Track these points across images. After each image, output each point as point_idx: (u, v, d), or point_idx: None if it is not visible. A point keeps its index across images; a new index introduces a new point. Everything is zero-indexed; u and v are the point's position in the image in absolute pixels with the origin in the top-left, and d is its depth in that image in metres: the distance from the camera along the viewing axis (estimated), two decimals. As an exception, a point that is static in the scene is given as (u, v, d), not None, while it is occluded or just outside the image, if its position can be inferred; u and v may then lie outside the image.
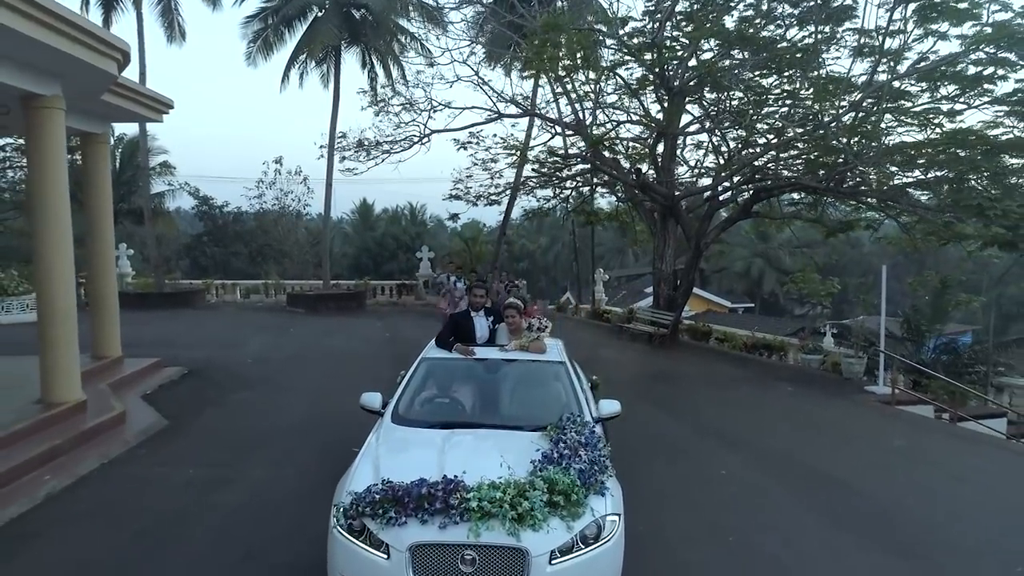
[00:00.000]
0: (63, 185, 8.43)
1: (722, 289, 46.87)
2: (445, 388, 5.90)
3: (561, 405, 5.47)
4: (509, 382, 5.97)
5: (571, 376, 5.87)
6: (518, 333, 6.35)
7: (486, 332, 6.68)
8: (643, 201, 18.30)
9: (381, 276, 38.40)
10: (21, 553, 5.32)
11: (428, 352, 6.29)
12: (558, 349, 6.49)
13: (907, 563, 5.53)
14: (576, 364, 6.84)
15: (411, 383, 5.81)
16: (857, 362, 13.93)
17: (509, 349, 6.20)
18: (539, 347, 6.22)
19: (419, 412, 5.55)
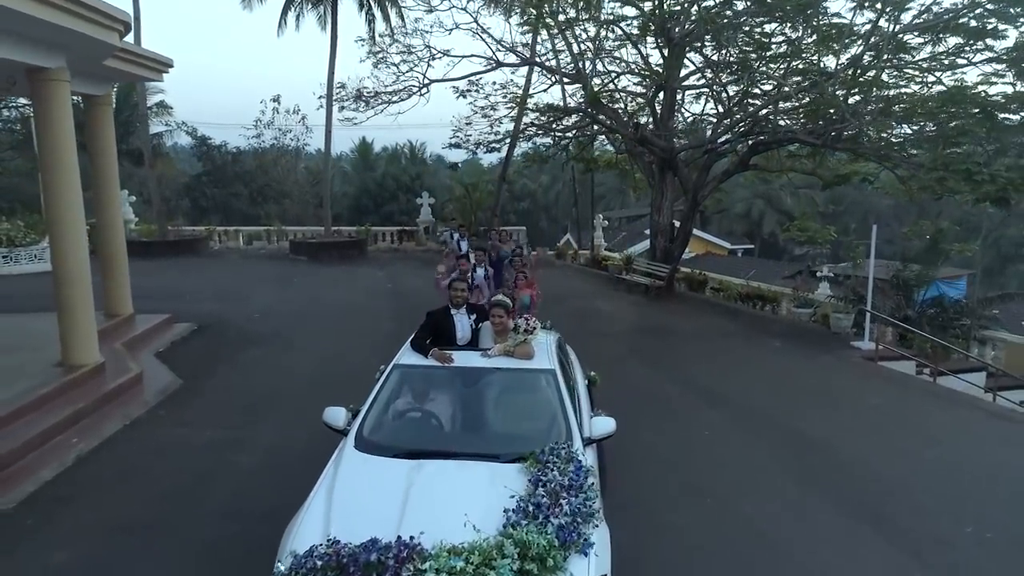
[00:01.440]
0: (72, 155, 8.63)
1: (722, 230, 46.99)
2: (419, 402, 5.38)
3: (548, 424, 4.93)
4: (490, 396, 5.33)
5: (560, 387, 5.18)
6: (504, 335, 5.61)
7: (468, 332, 6.03)
8: (642, 153, 18.36)
9: (382, 217, 38.60)
10: (61, 516, 5.85)
11: (401, 357, 5.61)
12: (548, 353, 5.72)
13: (868, 524, 6.05)
14: (572, 357, 6.65)
15: (380, 396, 5.21)
16: (845, 317, 14.37)
17: (492, 354, 5.48)
18: (526, 352, 5.48)
19: (387, 434, 4.96)
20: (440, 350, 5.50)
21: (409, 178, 42.49)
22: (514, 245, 13.50)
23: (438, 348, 5.55)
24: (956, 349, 13.37)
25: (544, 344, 5.88)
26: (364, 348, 11.00)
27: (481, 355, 5.54)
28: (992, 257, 46.25)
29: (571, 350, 7.04)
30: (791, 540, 5.73)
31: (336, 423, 5.03)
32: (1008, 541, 5.75)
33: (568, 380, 5.61)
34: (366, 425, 4.95)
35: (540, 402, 5.20)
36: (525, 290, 9.34)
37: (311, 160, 48.25)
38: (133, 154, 31.51)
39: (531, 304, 9.24)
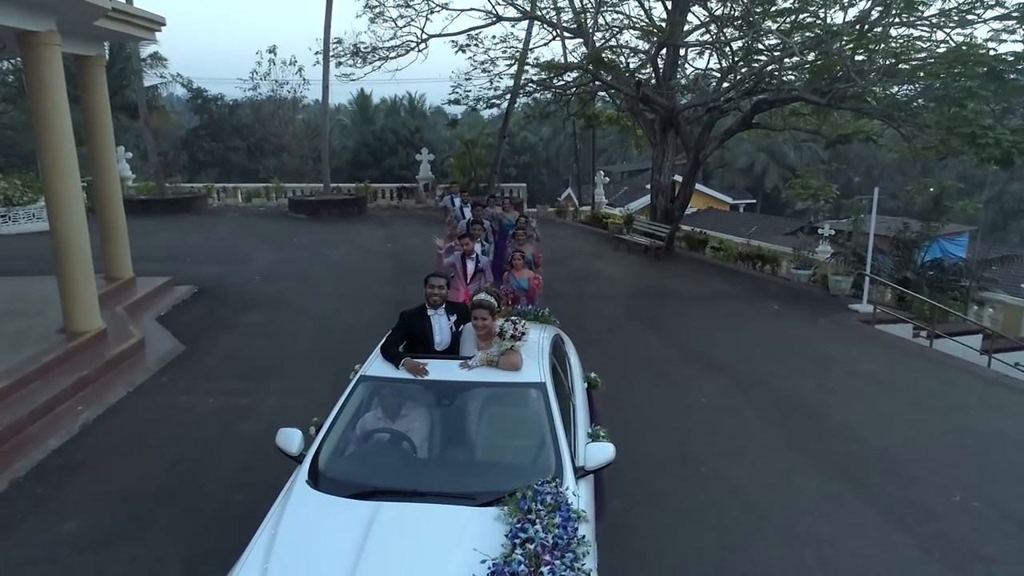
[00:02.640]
0: (65, 119, 8.55)
1: (724, 185, 46.61)
2: (386, 421, 4.56)
3: (534, 451, 4.27)
4: (469, 416, 4.61)
5: (551, 405, 4.39)
6: (488, 339, 4.84)
7: (447, 336, 5.23)
8: (643, 111, 18.11)
9: (381, 172, 38.28)
10: (70, 485, 6.00)
11: (369, 368, 4.83)
12: (539, 360, 4.86)
13: (854, 491, 6.20)
14: (572, 355, 6.07)
15: (341, 415, 4.52)
16: (844, 280, 14.41)
17: (473, 365, 4.65)
18: (512, 362, 4.62)
19: (345, 466, 4.27)
20: (412, 359, 4.72)
21: (409, 132, 41.97)
22: (519, 215, 12.22)
23: (411, 356, 4.80)
24: (954, 312, 13.43)
25: (536, 347, 5.01)
26: (365, 312, 11.09)
27: (460, 366, 4.69)
28: (995, 213, 46.03)
29: (571, 346, 6.39)
30: (778, 506, 5.89)
31: (289, 448, 4.35)
32: (994, 511, 5.90)
33: (562, 393, 4.86)
34: (322, 454, 4.25)
35: (527, 424, 4.47)
36: (522, 272, 8.51)
37: (309, 112, 47.67)
38: (128, 108, 31.06)
39: (530, 291, 8.47)
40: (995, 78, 11.50)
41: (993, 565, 5.14)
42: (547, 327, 5.97)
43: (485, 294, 5.06)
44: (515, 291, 8.34)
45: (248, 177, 34.66)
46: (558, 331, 6.19)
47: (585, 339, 10.32)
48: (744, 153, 45.75)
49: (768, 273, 16.44)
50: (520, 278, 8.40)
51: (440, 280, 5.34)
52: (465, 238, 8.80)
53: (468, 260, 8.68)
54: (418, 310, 5.27)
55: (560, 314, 8.72)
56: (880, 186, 15.58)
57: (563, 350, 5.92)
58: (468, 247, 8.68)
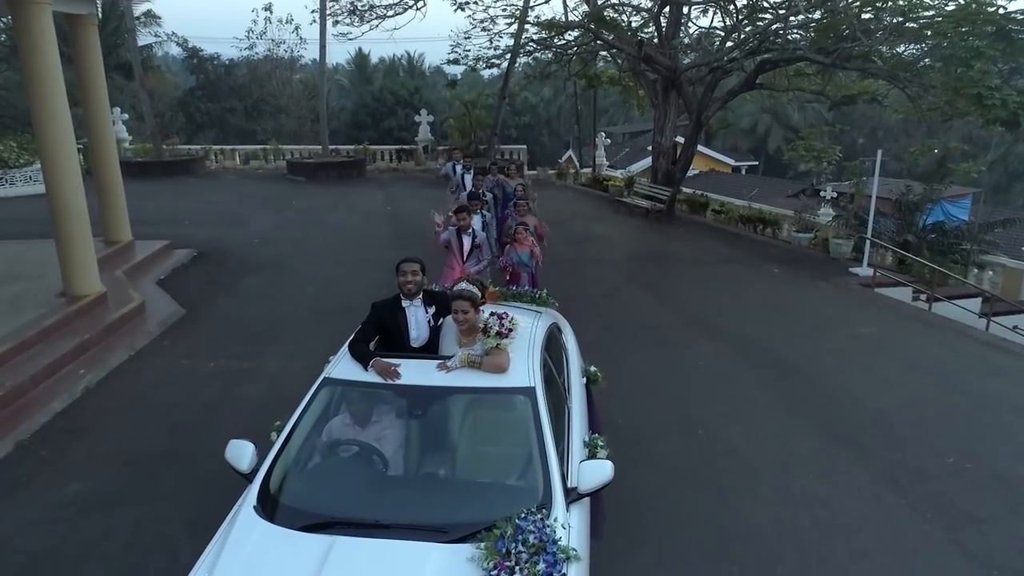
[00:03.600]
0: (58, 81, 8.40)
1: (726, 147, 46.18)
2: (354, 429, 4.01)
3: (519, 471, 3.75)
4: (445, 428, 4.05)
5: (540, 415, 3.79)
6: (471, 335, 4.23)
7: (424, 331, 4.61)
8: (645, 71, 17.84)
9: (380, 133, 37.92)
10: (73, 448, 6.08)
11: (334, 369, 4.24)
12: (530, 358, 4.19)
13: (849, 453, 6.28)
14: (571, 346, 5.58)
15: (301, 424, 3.94)
16: (845, 243, 14.37)
17: (452, 366, 4.02)
18: (498, 364, 4.00)
19: (300, 490, 3.69)
20: (382, 360, 4.08)
21: (408, 92, 41.44)
22: (520, 182, 11.39)
23: (382, 356, 4.18)
24: (953, 275, 13.42)
25: (527, 341, 4.36)
26: (364, 276, 11.09)
27: (438, 367, 4.05)
28: (999, 174, 45.66)
29: (570, 333, 5.87)
30: (773, 468, 5.97)
31: (239, 465, 3.76)
32: (987, 473, 5.98)
33: (556, 395, 4.30)
34: (275, 473, 3.69)
35: (511, 437, 3.95)
36: (524, 245, 8.17)
37: (306, 72, 46.95)
38: (123, 68, 30.63)
39: (532, 265, 8.19)
40: (1003, 38, 11.29)
41: (983, 525, 5.23)
42: (542, 313, 5.37)
43: (466, 283, 4.29)
44: (515, 265, 8.13)
45: (246, 139, 34.34)
46: (555, 318, 5.65)
47: (584, 303, 10.42)
48: (747, 114, 45.23)
49: (769, 236, 16.39)
50: (522, 252, 8.13)
51: (413, 265, 4.61)
52: (462, 212, 8.20)
53: (464, 236, 8.18)
54: (391, 301, 4.61)
55: (559, 277, 8.82)
56: (884, 148, 15.42)
57: (560, 341, 5.32)
58: (464, 222, 8.12)
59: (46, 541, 4.80)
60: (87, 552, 4.69)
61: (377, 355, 4.17)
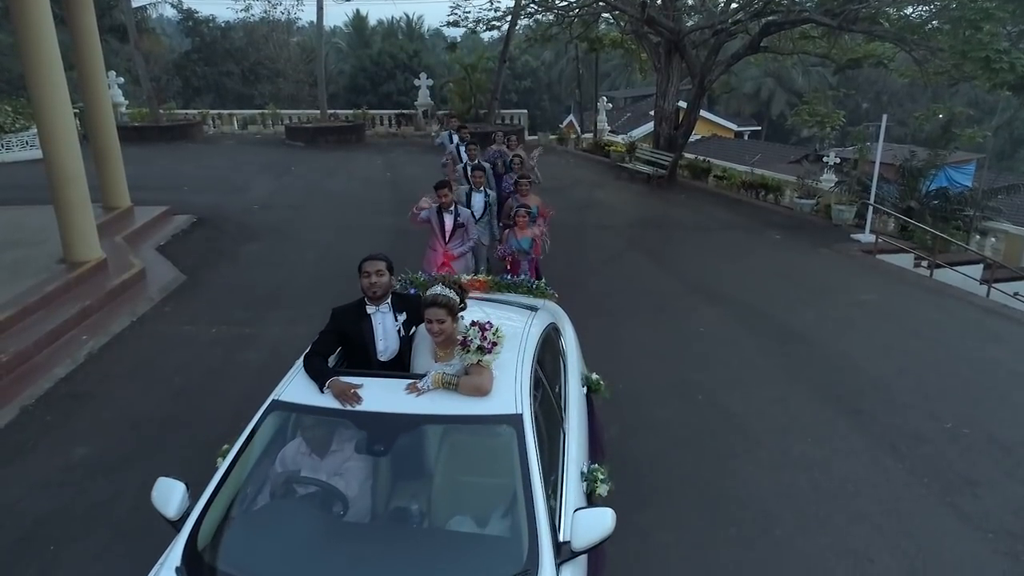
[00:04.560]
0: (52, 42, 8.28)
1: (729, 111, 45.65)
2: (311, 459, 3.39)
3: (499, 524, 3.13)
4: (413, 466, 3.46)
5: (528, 450, 3.13)
6: (448, 347, 3.52)
7: (393, 342, 3.89)
8: (648, 34, 17.54)
9: (379, 97, 37.50)
10: (78, 413, 6.13)
11: (284, 389, 3.54)
12: (517, 376, 3.48)
13: (847, 418, 6.33)
14: (571, 348, 4.89)
15: (244, 456, 3.30)
16: (847, 209, 14.29)
17: (424, 387, 3.34)
18: (477, 386, 3.33)
19: (233, 547, 3.02)
20: (340, 381, 3.41)
21: (407, 56, 40.86)
22: (517, 154, 10.25)
23: (343, 372, 3.56)
24: (955, 242, 13.37)
25: (517, 350, 3.67)
26: (364, 242, 11.03)
27: (407, 389, 3.36)
28: (1004, 140, 45.23)
29: (569, 332, 5.18)
30: (772, 433, 6.02)
31: (165, 509, 3.12)
32: (983, 437, 6.02)
33: (550, 417, 3.71)
34: (205, 524, 3.04)
35: (492, 478, 3.36)
36: (524, 230, 7.51)
37: (304, 34, 46.19)
38: (117, 30, 30.14)
39: (532, 252, 7.51)
40: (1014, 0, 11.08)
41: (978, 488, 5.30)
42: (539, 310, 4.65)
43: (441, 287, 3.49)
44: (515, 252, 7.51)
45: (243, 103, 33.97)
46: (553, 315, 4.91)
47: (585, 269, 10.43)
48: (750, 78, 44.65)
49: (771, 202, 16.30)
50: (522, 238, 7.47)
51: (377, 264, 3.86)
52: (443, 189, 7.32)
53: (446, 214, 7.34)
54: (355, 306, 3.89)
55: (560, 245, 8.76)
56: (888, 113, 15.25)
57: (557, 346, 4.60)
58: (446, 199, 7.30)
59: (53, 504, 4.86)
60: (94, 514, 4.75)
61: (337, 372, 3.54)
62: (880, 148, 13.12)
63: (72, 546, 4.46)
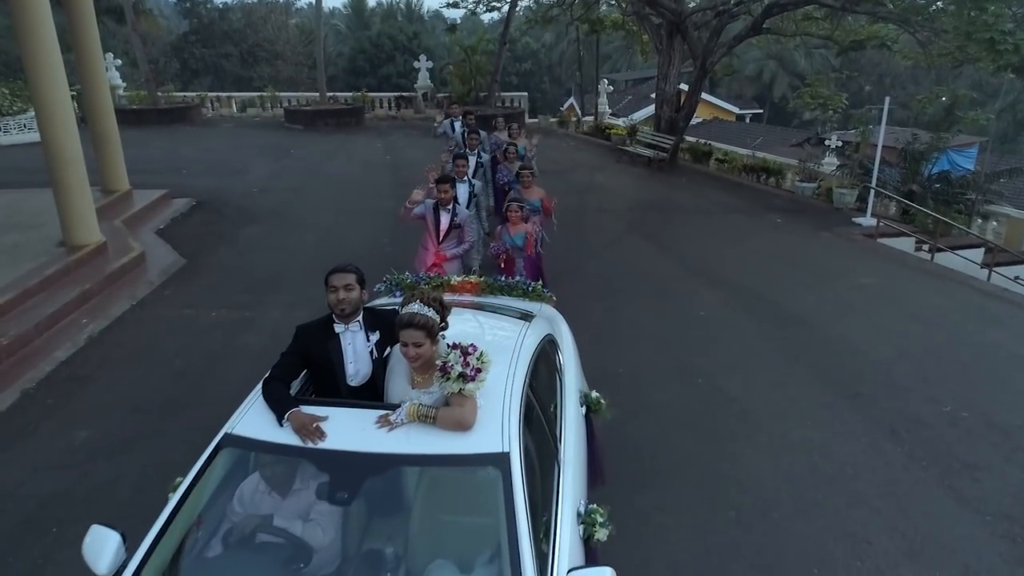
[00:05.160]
0: (48, 23, 8.19)
1: (731, 94, 45.37)
2: (270, 497, 3.02)
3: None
4: (384, 513, 3.09)
5: (515, 496, 2.71)
6: (426, 372, 3.10)
7: (365, 365, 3.45)
8: (650, 15, 17.38)
9: (379, 80, 37.28)
10: (79, 395, 6.14)
11: (238, 421, 3.11)
12: (506, 407, 3.04)
13: (847, 401, 6.34)
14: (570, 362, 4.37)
15: (191, 498, 2.89)
16: (849, 192, 14.23)
17: (397, 421, 2.92)
18: (458, 419, 2.90)
19: None
20: (301, 413, 2.98)
21: (406, 37, 40.58)
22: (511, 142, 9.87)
23: (307, 401, 3.16)
24: (957, 225, 13.34)
25: (506, 369, 3.27)
26: (364, 225, 11.06)
27: (377, 422, 2.93)
28: (1007, 123, 44.97)
29: (567, 341, 4.65)
30: (772, 417, 6.03)
31: (96, 565, 2.74)
32: (983, 421, 6.04)
33: (541, 449, 3.27)
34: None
35: (472, 528, 2.98)
36: (517, 225, 6.94)
37: (302, 16, 45.86)
38: (114, 12, 29.86)
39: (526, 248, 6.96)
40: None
41: (977, 471, 5.32)
42: (535, 318, 4.22)
43: (419, 304, 3.03)
44: (509, 249, 7.00)
45: (241, 86, 33.76)
46: (550, 324, 4.42)
47: (586, 253, 10.42)
48: (752, 60, 44.30)
49: (772, 186, 16.24)
50: (515, 234, 6.93)
51: (346, 277, 3.42)
52: (445, 184, 6.75)
53: (442, 211, 6.79)
54: (321, 324, 3.48)
55: (560, 228, 8.72)
56: (891, 96, 15.14)
57: (553, 361, 4.12)
58: (446, 195, 6.73)
59: (55, 486, 4.89)
60: (96, 497, 4.77)
61: (299, 400, 3.13)
62: (882, 131, 13.05)
63: (74, 528, 4.46)
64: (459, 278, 5.18)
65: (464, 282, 5.04)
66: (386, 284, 5.00)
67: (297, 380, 3.43)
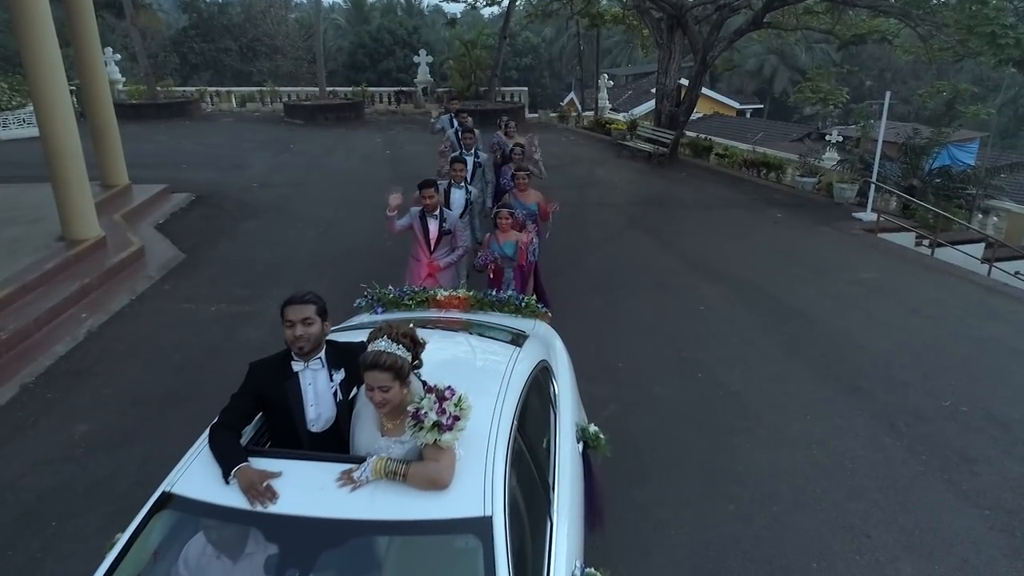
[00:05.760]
0: (47, 17, 8.17)
1: (731, 89, 45.28)
2: (219, 561, 2.59)
3: None
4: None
5: (498, 568, 2.30)
6: (397, 417, 2.65)
7: (328, 408, 2.99)
8: (650, 9, 17.33)
9: (378, 74, 37.17)
10: (80, 389, 6.14)
11: (178, 477, 2.71)
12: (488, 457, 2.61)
13: (847, 395, 6.34)
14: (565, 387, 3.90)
15: (123, 567, 2.49)
16: (849, 187, 14.21)
17: (363, 477, 2.52)
18: (431, 477, 2.49)
19: None
20: (250, 469, 2.57)
21: (406, 32, 40.45)
22: (518, 142, 9.26)
23: (257, 455, 2.69)
24: (957, 220, 13.32)
25: (491, 415, 2.81)
26: (364, 220, 11.03)
27: (339, 479, 2.53)
28: (1008, 118, 44.89)
29: (563, 364, 4.19)
30: (771, 411, 6.03)
31: None
32: (983, 415, 6.04)
33: (531, 505, 2.81)
34: None
35: None
36: (508, 233, 6.50)
37: (302, 10, 45.75)
38: (113, 6, 29.78)
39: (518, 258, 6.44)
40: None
41: (976, 465, 5.32)
42: (527, 339, 3.80)
43: (386, 341, 2.59)
44: (498, 259, 6.49)
45: (241, 80, 33.70)
46: (545, 347, 3.98)
47: (586, 247, 10.41)
48: (753, 55, 44.22)
49: (772, 181, 16.19)
50: (505, 242, 6.44)
51: (305, 309, 2.93)
52: (429, 189, 6.19)
53: (430, 219, 6.28)
54: (278, 361, 3.01)
55: (561, 223, 8.70)
56: (892, 90, 15.10)
57: (548, 390, 3.65)
58: (431, 201, 6.19)
59: (55, 480, 4.89)
60: (96, 490, 4.78)
61: (251, 450, 2.72)
62: (883, 126, 13.02)
63: (74, 521, 4.49)
64: (446, 292, 4.81)
65: (451, 297, 4.70)
66: (366, 299, 4.70)
67: (251, 425, 2.98)
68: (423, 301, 4.64)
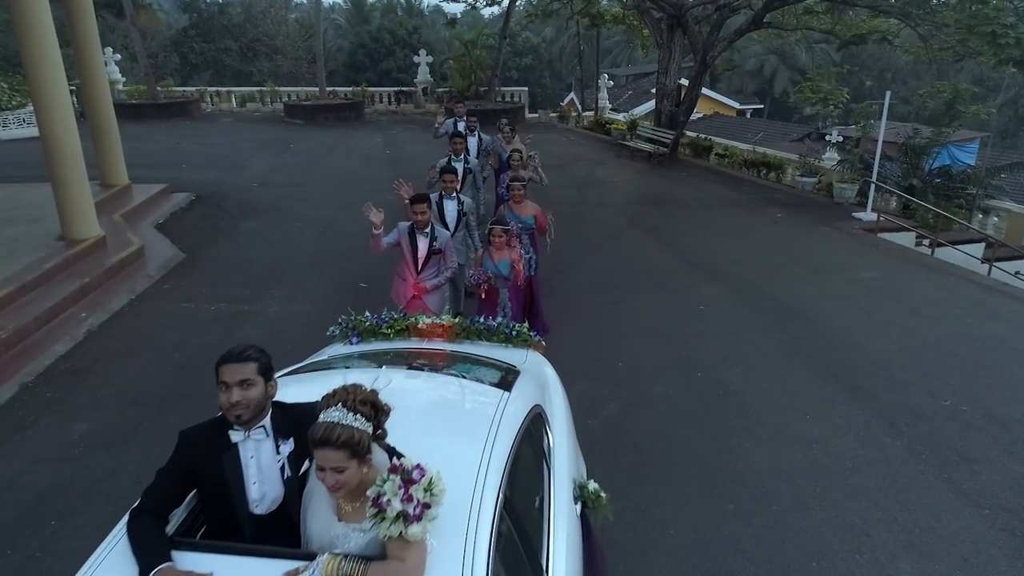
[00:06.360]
0: (47, 17, 8.16)
1: (731, 89, 45.27)
2: None
3: None
4: None
5: None
6: (356, 500, 2.17)
7: (275, 485, 2.47)
8: (650, 9, 17.33)
9: (378, 75, 37.18)
10: (78, 389, 6.14)
11: (89, 572, 2.11)
12: (467, 556, 2.05)
13: (847, 395, 6.34)
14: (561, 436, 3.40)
15: None
16: (849, 187, 14.21)
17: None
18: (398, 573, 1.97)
19: None
20: (172, 570, 2.09)
21: (406, 32, 40.45)
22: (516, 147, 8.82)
23: (184, 548, 2.21)
24: (957, 220, 13.31)
25: (472, 484, 2.33)
26: (363, 220, 10.92)
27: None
28: (1008, 118, 44.87)
29: (559, 411, 3.67)
30: (771, 410, 6.03)
31: None
32: (982, 415, 6.04)
33: None
34: None
35: None
36: (502, 251, 5.99)
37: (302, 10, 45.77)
38: (113, 6, 29.78)
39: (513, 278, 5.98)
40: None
41: (975, 465, 5.31)
42: (519, 381, 3.32)
43: (340, 409, 2.11)
44: (491, 278, 6.03)
45: (241, 80, 33.69)
46: (539, 388, 3.53)
47: (586, 247, 10.40)
48: (753, 55, 44.24)
49: (772, 181, 16.19)
50: (499, 260, 5.99)
51: (242, 369, 2.44)
52: (422, 204, 5.65)
53: (420, 236, 5.75)
54: (213, 429, 2.50)
55: (561, 222, 8.69)
56: (892, 90, 15.10)
57: (542, 442, 3.20)
58: (422, 218, 5.65)
59: (55, 479, 4.89)
60: (95, 489, 4.78)
61: (178, 542, 2.22)
62: (883, 126, 13.02)
63: (73, 520, 4.48)
64: (428, 320, 4.32)
65: (434, 325, 4.23)
66: (340, 327, 4.28)
67: (182, 506, 2.44)
68: (403, 330, 4.20)
